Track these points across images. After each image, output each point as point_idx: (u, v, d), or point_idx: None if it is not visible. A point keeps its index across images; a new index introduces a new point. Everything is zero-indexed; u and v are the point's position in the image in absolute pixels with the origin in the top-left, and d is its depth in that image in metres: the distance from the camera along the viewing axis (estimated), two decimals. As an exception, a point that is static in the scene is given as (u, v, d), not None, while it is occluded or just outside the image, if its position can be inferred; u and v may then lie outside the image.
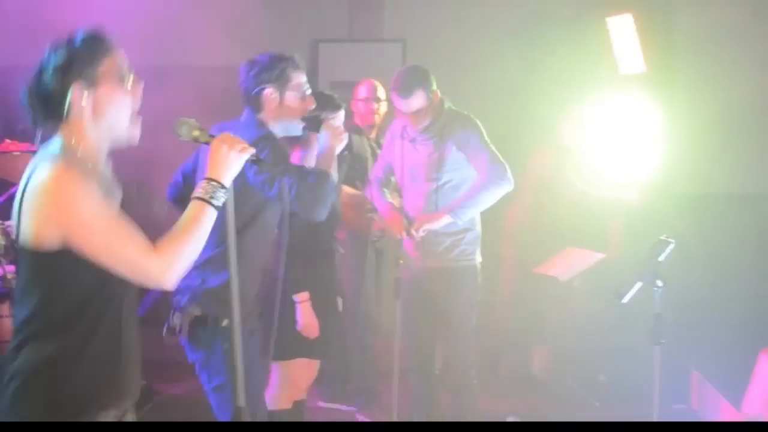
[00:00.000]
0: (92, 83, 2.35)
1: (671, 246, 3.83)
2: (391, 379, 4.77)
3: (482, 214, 4.73)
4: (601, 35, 6.36)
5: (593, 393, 5.92)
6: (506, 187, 4.61)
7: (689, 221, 5.95)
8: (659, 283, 3.80)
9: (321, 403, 5.71)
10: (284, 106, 3.58)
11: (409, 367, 4.90)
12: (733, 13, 6.91)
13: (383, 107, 5.72)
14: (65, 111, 2.33)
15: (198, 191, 2.47)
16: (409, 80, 4.55)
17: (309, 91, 3.65)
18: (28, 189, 2.28)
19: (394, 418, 4.72)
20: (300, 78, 3.62)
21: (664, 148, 6.03)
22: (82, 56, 2.33)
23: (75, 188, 2.24)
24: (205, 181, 2.48)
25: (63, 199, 2.23)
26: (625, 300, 3.87)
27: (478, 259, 4.75)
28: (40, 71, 2.33)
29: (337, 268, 5.63)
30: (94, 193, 2.28)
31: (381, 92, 5.70)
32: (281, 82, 3.57)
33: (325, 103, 4.17)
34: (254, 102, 3.59)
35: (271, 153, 3.41)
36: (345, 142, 3.75)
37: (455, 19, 7.25)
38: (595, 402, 5.87)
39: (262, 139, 3.43)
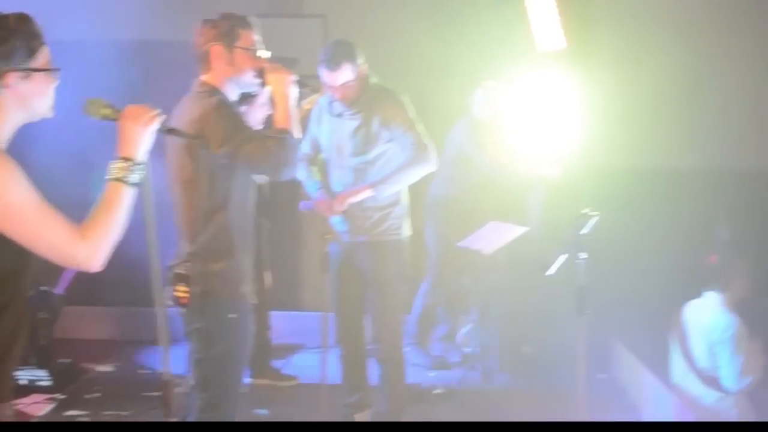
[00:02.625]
0: (26, 75, 2.38)
1: (594, 219, 3.90)
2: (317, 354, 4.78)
3: (409, 188, 4.77)
4: (523, 9, 6.41)
5: (518, 365, 6.02)
6: (428, 168, 4.67)
7: (609, 194, 6.07)
8: (582, 255, 3.87)
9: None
10: (234, 64, 3.52)
11: (338, 340, 4.92)
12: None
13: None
14: None
15: (111, 172, 2.46)
16: (337, 53, 4.56)
17: (262, 52, 3.57)
18: None
19: (323, 390, 4.74)
20: (250, 36, 3.54)
21: (583, 123, 6.14)
22: (19, 47, 2.36)
23: (4, 174, 2.25)
24: (118, 160, 2.48)
25: None
26: (550, 272, 3.94)
27: (407, 233, 4.81)
28: None
29: (266, 243, 5.67)
30: (23, 179, 2.29)
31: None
32: (229, 38, 3.51)
33: None
34: (204, 61, 3.54)
35: (227, 122, 3.39)
36: (295, 89, 3.60)
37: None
38: (519, 374, 5.97)
39: (214, 109, 3.40)
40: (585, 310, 3.87)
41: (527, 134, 6.25)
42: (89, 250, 2.35)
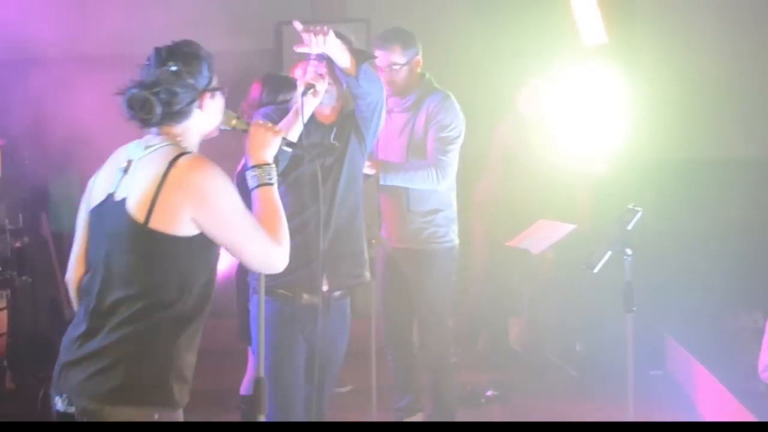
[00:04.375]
0: (213, 95, 2.64)
1: (639, 214, 3.87)
2: (368, 359, 4.78)
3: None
4: (565, 7, 6.38)
5: (570, 362, 5.98)
6: (435, 185, 4.54)
7: (656, 188, 6.03)
8: (628, 251, 3.84)
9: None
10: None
11: (386, 347, 4.92)
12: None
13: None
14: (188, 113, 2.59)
15: (256, 179, 2.68)
16: (390, 34, 4.59)
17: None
18: (170, 178, 2.44)
19: (373, 398, 4.75)
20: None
21: (628, 118, 6.08)
22: (207, 70, 2.61)
23: (219, 182, 2.48)
24: (258, 168, 2.70)
25: (210, 191, 2.45)
26: (596, 270, 3.90)
27: (452, 241, 4.71)
28: (173, 79, 2.54)
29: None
30: (234, 187, 2.51)
31: None
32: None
33: (281, 84, 4.31)
34: None
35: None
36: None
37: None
38: (572, 371, 5.93)
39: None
40: (632, 307, 3.84)
41: (573, 131, 6.21)
42: (283, 251, 2.57)
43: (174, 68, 2.54)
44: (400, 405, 4.95)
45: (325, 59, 3.68)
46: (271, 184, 2.68)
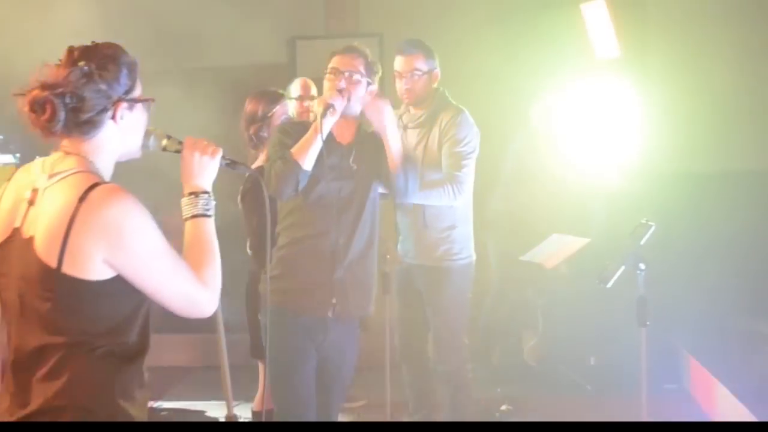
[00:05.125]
0: (131, 107, 2.28)
1: (652, 229, 3.87)
2: (382, 374, 4.79)
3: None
4: (577, 21, 6.40)
5: (585, 377, 5.97)
6: (452, 201, 4.52)
7: (669, 201, 6.02)
8: (642, 266, 3.84)
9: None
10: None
11: (401, 362, 4.92)
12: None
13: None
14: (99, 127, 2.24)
15: (190, 209, 2.35)
16: (414, 41, 4.64)
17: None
18: (80, 215, 2.11)
19: (387, 414, 4.75)
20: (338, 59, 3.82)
21: (641, 131, 6.09)
22: (126, 77, 2.25)
23: (135, 220, 2.13)
24: (192, 196, 2.36)
25: (124, 231, 2.11)
26: (610, 284, 3.91)
27: (469, 257, 4.69)
28: (82, 80, 2.19)
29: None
30: (152, 224, 2.17)
31: (314, 90, 5.54)
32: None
33: (264, 98, 4.46)
34: None
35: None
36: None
37: (430, 10, 7.28)
38: (587, 385, 5.92)
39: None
40: (646, 321, 3.84)
41: (587, 144, 6.21)
42: (211, 294, 2.26)
43: (85, 69, 2.18)
44: (415, 418, 4.95)
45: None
46: (208, 216, 2.35)
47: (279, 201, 3.76)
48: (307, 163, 3.61)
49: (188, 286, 2.22)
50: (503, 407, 5.55)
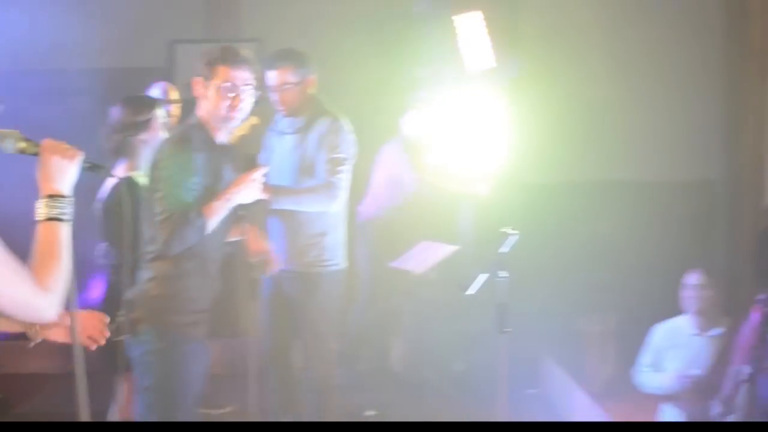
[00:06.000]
0: None
1: (512, 237, 3.95)
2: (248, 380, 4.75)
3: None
4: (454, 33, 6.49)
5: (449, 382, 6.05)
6: (326, 207, 4.57)
7: (536, 210, 6.16)
8: (502, 273, 3.91)
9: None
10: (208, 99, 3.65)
11: (268, 368, 4.89)
12: (577, 11, 7.18)
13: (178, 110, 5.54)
14: None
15: (43, 211, 2.30)
16: (283, 53, 4.62)
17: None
18: None
19: (252, 420, 4.71)
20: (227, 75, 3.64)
21: (511, 140, 6.21)
22: None
23: None
24: (46, 198, 2.32)
25: None
26: (471, 291, 3.97)
27: (340, 265, 4.71)
28: None
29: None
30: None
31: (175, 94, 5.50)
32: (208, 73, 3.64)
33: (142, 104, 4.27)
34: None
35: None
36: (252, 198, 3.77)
37: (310, 17, 7.27)
38: (450, 391, 5.99)
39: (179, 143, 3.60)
40: (504, 328, 3.91)
41: (457, 153, 6.30)
42: (51, 299, 2.20)
43: None
44: (279, 424, 4.94)
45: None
46: (61, 220, 2.29)
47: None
48: (211, 226, 3.58)
49: (27, 293, 2.16)
50: (368, 413, 5.58)
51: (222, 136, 3.70)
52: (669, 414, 4.67)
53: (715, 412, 4.45)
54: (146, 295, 3.59)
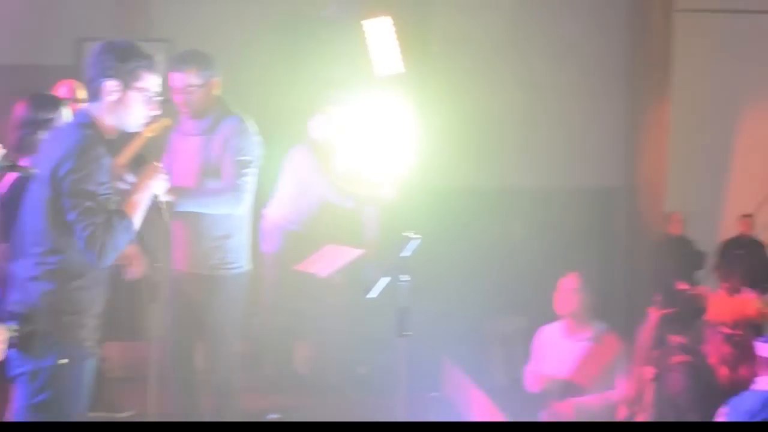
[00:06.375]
0: None
1: (414, 241, 3.99)
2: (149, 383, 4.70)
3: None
4: (360, 37, 6.52)
5: (352, 385, 6.08)
6: (231, 210, 4.54)
7: (441, 215, 6.24)
8: (403, 277, 3.95)
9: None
10: (123, 105, 3.44)
11: (169, 371, 4.84)
12: (487, 19, 7.30)
13: None
14: None
15: None
16: (186, 54, 4.55)
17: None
18: None
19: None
20: (149, 81, 3.47)
21: (418, 146, 6.26)
22: None
23: None
24: None
25: None
26: (373, 294, 4.00)
27: (242, 267, 4.68)
28: None
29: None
30: None
31: (82, 93, 5.43)
32: (129, 78, 3.42)
33: (46, 103, 4.19)
34: (92, 89, 3.44)
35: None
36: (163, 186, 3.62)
37: (220, 17, 7.25)
38: (353, 394, 6.03)
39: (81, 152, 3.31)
40: (404, 331, 3.95)
41: (364, 157, 6.33)
42: None
43: None
44: (181, 427, 4.89)
45: None
46: None
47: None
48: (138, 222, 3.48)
49: None
50: (271, 416, 5.56)
51: (115, 136, 3.56)
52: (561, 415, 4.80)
53: (622, 414, 4.61)
54: (44, 309, 3.40)
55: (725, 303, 6.19)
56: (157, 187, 3.58)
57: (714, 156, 8.28)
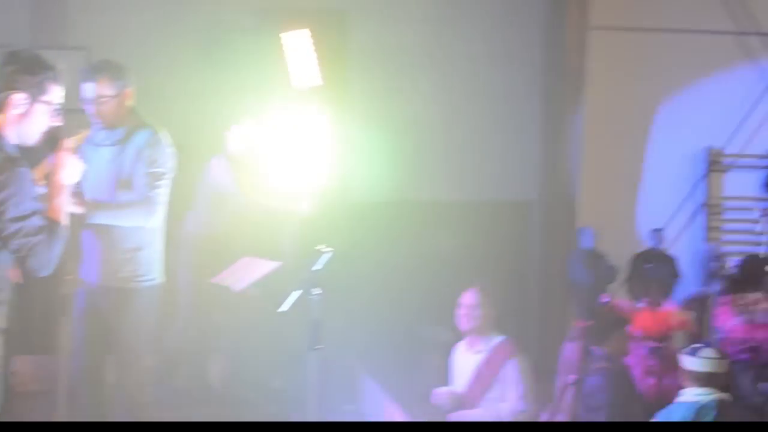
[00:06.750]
0: None
1: (326, 255, 4.01)
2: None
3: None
4: (278, 49, 6.53)
5: (267, 399, 6.06)
6: (144, 222, 4.50)
7: (359, 228, 6.27)
8: (315, 290, 3.97)
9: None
10: (29, 118, 3.32)
11: (79, 385, 4.78)
12: (404, 32, 7.37)
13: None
14: None
15: None
16: (98, 64, 4.50)
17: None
18: None
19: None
20: (55, 93, 3.36)
21: (336, 160, 6.29)
22: None
23: None
24: None
25: None
26: (285, 308, 4.02)
27: (154, 280, 4.63)
28: None
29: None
30: None
31: None
32: (36, 90, 3.30)
33: None
34: None
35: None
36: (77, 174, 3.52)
37: (137, 26, 7.19)
38: (268, 407, 6.01)
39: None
40: (316, 345, 3.97)
41: (282, 170, 6.33)
42: None
43: None
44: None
45: None
46: None
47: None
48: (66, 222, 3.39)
49: None
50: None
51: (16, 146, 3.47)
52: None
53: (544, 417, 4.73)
54: None
55: (650, 318, 6.38)
56: (71, 173, 3.48)
57: (626, 170, 8.48)
